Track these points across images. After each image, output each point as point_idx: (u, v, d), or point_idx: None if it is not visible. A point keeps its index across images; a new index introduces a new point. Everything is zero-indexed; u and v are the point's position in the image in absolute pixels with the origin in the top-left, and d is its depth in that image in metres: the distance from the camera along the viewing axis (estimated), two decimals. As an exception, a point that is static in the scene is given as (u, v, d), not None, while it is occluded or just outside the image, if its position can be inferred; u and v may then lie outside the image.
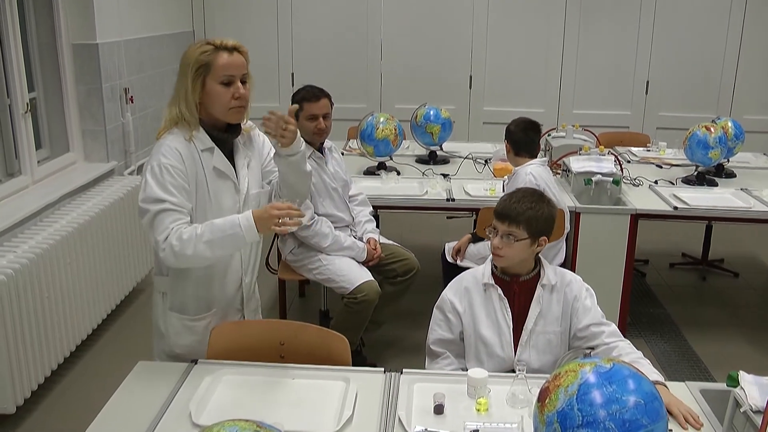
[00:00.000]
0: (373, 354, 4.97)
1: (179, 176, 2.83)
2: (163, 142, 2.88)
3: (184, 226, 2.80)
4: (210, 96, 2.87)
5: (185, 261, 2.83)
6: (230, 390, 2.69)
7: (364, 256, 4.64)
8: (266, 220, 2.77)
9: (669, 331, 5.57)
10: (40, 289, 4.31)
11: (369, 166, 5.79)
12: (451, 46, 8.18)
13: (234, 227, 2.78)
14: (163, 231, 2.78)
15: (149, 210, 2.79)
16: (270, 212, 2.77)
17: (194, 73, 2.83)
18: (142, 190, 2.82)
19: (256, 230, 2.78)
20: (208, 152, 2.93)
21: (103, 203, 5.17)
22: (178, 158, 2.83)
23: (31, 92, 5.26)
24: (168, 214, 2.78)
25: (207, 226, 2.80)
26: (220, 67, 2.84)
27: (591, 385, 1.91)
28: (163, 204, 2.78)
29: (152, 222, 2.79)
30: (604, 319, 3.06)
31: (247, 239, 2.81)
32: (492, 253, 3.07)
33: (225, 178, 2.98)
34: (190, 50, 2.87)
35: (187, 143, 2.87)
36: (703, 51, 8.07)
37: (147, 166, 2.85)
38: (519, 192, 3.14)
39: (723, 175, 5.84)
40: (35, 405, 4.41)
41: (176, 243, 2.76)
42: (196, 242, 2.76)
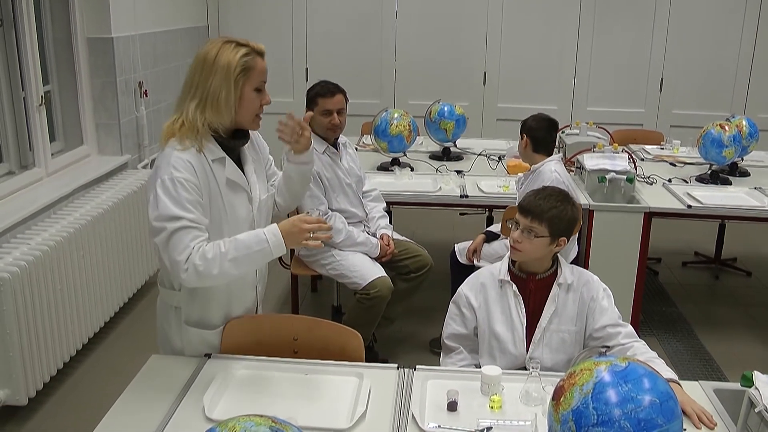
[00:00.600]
0: (386, 350, 4.98)
1: (194, 191, 2.66)
2: (171, 153, 2.68)
3: (205, 244, 2.65)
4: (244, 102, 2.75)
5: (209, 281, 2.68)
6: (244, 385, 2.69)
7: (377, 252, 4.64)
8: (296, 235, 2.68)
9: (681, 330, 5.56)
10: (53, 282, 4.32)
11: (383, 162, 5.80)
12: (465, 42, 8.16)
13: (261, 243, 2.68)
14: (183, 251, 2.61)
15: (165, 228, 2.62)
16: (300, 226, 2.69)
17: (236, 77, 2.69)
18: (154, 207, 2.64)
19: (284, 245, 2.69)
20: (218, 163, 2.78)
21: (116, 196, 5.18)
22: (191, 171, 2.66)
23: (46, 85, 5.28)
24: (187, 232, 2.62)
25: (231, 243, 2.67)
26: (258, 73, 2.75)
27: (606, 384, 1.90)
28: (180, 221, 2.61)
29: (169, 241, 2.62)
30: (620, 320, 3.05)
31: (274, 255, 2.70)
32: (510, 246, 3.07)
33: (239, 189, 2.86)
34: (224, 51, 2.70)
35: (197, 154, 2.70)
36: (717, 49, 8.04)
37: (156, 180, 2.66)
38: (546, 190, 3.15)
39: (737, 174, 5.82)
40: (47, 397, 4.42)
41: (200, 263, 2.61)
42: (221, 261, 2.63)
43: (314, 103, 4.51)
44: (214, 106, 2.70)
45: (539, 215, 3.01)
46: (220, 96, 2.69)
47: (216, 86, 2.69)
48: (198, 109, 2.71)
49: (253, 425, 1.74)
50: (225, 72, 2.68)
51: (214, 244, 2.66)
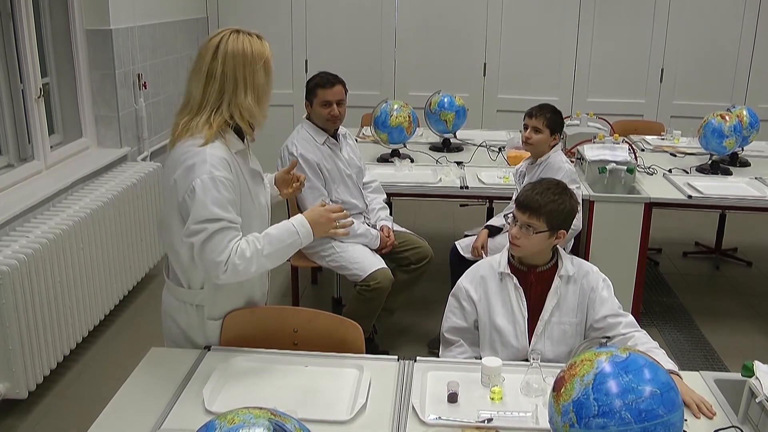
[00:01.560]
0: (386, 341, 4.98)
1: (233, 189, 2.67)
2: (205, 150, 2.64)
3: (241, 242, 2.66)
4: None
5: (246, 276, 2.72)
6: (243, 377, 2.69)
7: (378, 244, 4.64)
8: (324, 225, 2.77)
9: (682, 320, 5.56)
10: (52, 275, 4.31)
11: (383, 154, 5.79)
12: (465, 33, 8.14)
13: (292, 235, 2.74)
14: (222, 251, 2.61)
15: (205, 229, 2.60)
16: (328, 216, 2.78)
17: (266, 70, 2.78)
18: (194, 208, 2.61)
19: (312, 235, 2.76)
20: (241, 155, 2.78)
21: (116, 189, 5.17)
22: (228, 168, 2.67)
23: (45, 77, 5.26)
24: (226, 232, 2.63)
25: (265, 239, 2.71)
26: (271, 68, 2.81)
27: (607, 375, 1.90)
28: (220, 222, 2.61)
29: (208, 242, 2.61)
30: (621, 310, 3.05)
31: (303, 245, 2.79)
32: (509, 242, 3.07)
33: (258, 178, 2.92)
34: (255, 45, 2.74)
35: (227, 150, 2.70)
36: (718, 39, 8.02)
37: (196, 180, 2.61)
38: (543, 183, 3.13)
39: (737, 164, 5.81)
40: (47, 390, 4.42)
41: (240, 262, 2.63)
42: (258, 258, 2.67)
43: (314, 94, 4.51)
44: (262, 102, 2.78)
45: (537, 210, 3.00)
46: (265, 92, 2.79)
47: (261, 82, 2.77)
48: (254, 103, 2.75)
49: (252, 418, 1.73)
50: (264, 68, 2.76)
51: (249, 242, 2.68)
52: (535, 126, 4.57)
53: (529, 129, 4.59)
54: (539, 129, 4.56)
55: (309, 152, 4.50)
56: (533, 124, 4.57)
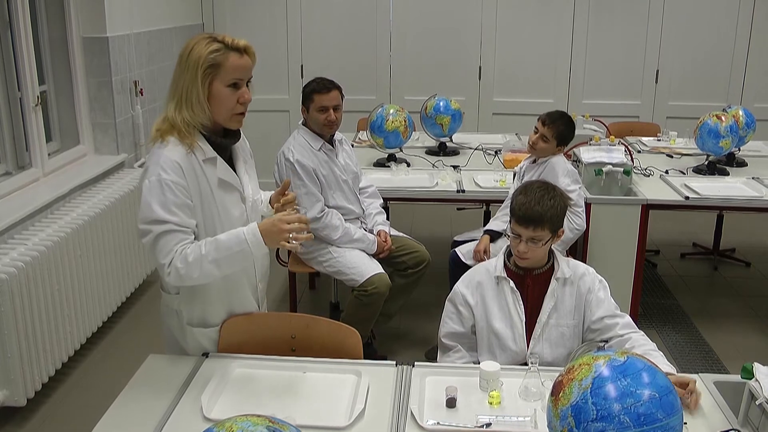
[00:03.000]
0: (384, 346, 4.97)
1: (181, 193, 2.64)
2: (160, 153, 2.65)
3: (188, 246, 2.64)
4: (215, 99, 2.68)
5: (192, 282, 2.69)
6: (241, 383, 2.69)
7: (375, 249, 4.64)
8: (275, 234, 2.62)
9: (681, 321, 5.56)
10: (50, 282, 4.31)
11: (379, 158, 5.78)
12: (460, 36, 8.14)
13: (241, 243, 2.64)
14: (167, 254, 2.62)
15: (151, 231, 2.62)
16: (280, 226, 2.63)
17: (203, 73, 2.63)
18: (141, 210, 2.64)
19: (264, 244, 2.64)
20: (210, 162, 2.74)
21: (113, 195, 5.18)
22: (179, 173, 2.64)
23: (42, 85, 5.26)
24: (172, 235, 2.62)
25: (211, 245, 2.65)
26: (230, 69, 2.66)
27: (605, 379, 1.90)
28: (166, 225, 2.61)
29: (155, 244, 2.63)
30: (617, 310, 3.04)
31: (255, 254, 2.68)
32: (516, 256, 3.05)
33: (231, 189, 2.82)
34: (197, 47, 2.65)
35: (186, 155, 2.67)
36: (713, 39, 8.02)
37: (144, 181, 2.65)
38: (535, 190, 3.07)
39: (734, 164, 5.81)
40: (46, 398, 4.42)
41: (181, 266, 2.61)
42: (201, 263, 2.62)
43: (310, 99, 4.50)
44: (188, 104, 2.67)
45: (540, 222, 2.98)
46: (191, 94, 2.66)
47: (187, 84, 2.66)
48: (176, 109, 2.69)
49: (250, 425, 1.73)
50: (194, 69, 2.64)
51: (195, 246, 2.65)
52: (544, 135, 4.56)
53: (537, 135, 4.58)
54: (547, 139, 4.56)
55: (305, 158, 4.49)
56: (543, 132, 4.56)
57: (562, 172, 4.51)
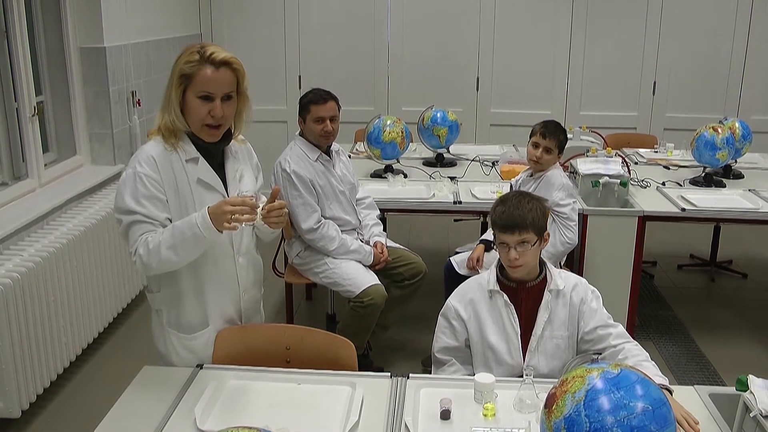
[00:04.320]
0: (380, 358, 4.96)
1: (153, 186, 2.74)
2: (142, 148, 2.82)
3: (150, 234, 2.72)
4: (187, 108, 2.78)
5: (155, 270, 2.76)
6: (236, 395, 2.68)
7: (371, 260, 4.63)
8: (219, 216, 2.63)
9: (677, 333, 5.55)
10: (46, 293, 4.31)
11: (376, 169, 5.78)
12: (457, 48, 8.16)
13: (192, 228, 2.66)
14: (133, 243, 2.73)
15: (122, 221, 2.75)
16: (223, 207, 2.63)
17: (176, 81, 2.75)
18: (116, 200, 2.78)
19: (213, 227, 2.65)
20: (192, 162, 2.83)
21: (110, 206, 5.15)
22: (153, 167, 2.75)
23: (39, 95, 5.27)
24: (140, 226, 2.72)
25: (168, 231, 2.71)
26: (200, 82, 2.73)
27: (598, 391, 1.89)
28: (134, 216, 2.72)
29: (126, 233, 2.76)
30: (610, 320, 3.04)
31: (207, 238, 2.68)
32: (509, 267, 3.05)
33: (212, 190, 2.86)
34: (182, 56, 2.77)
35: (167, 152, 2.79)
36: (709, 51, 8.04)
37: (123, 173, 2.80)
38: (510, 199, 3.10)
39: (731, 176, 5.82)
40: (40, 409, 4.40)
41: (143, 253, 2.70)
42: (159, 249, 2.68)
43: (307, 110, 4.51)
44: (168, 109, 2.81)
45: (522, 224, 2.99)
46: (171, 100, 2.79)
47: (168, 90, 2.80)
48: (161, 112, 2.84)
49: (243, 437, 1.73)
50: (173, 76, 2.77)
51: (156, 234, 2.73)
52: (547, 147, 4.57)
53: (541, 149, 4.58)
54: (551, 150, 4.57)
55: (302, 169, 4.50)
56: (546, 144, 4.57)
57: (557, 186, 4.52)
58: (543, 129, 4.60)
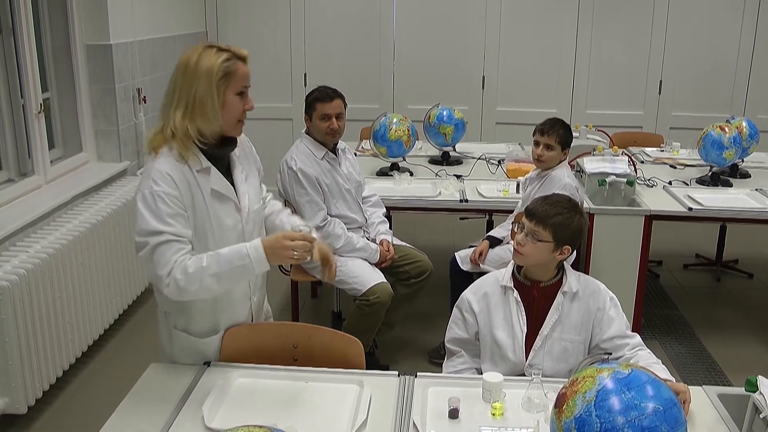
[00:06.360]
0: (386, 356, 4.96)
1: (174, 203, 2.63)
2: (152, 166, 2.66)
3: (188, 257, 2.62)
4: (226, 108, 2.69)
5: (191, 295, 2.67)
6: (243, 393, 2.68)
7: (377, 258, 4.63)
8: (279, 251, 2.61)
9: (683, 332, 5.54)
10: (52, 289, 4.30)
11: (382, 167, 5.78)
12: (463, 46, 8.15)
13: (243, 258, 2.62)
14: (165, 265, 2.60)
15: (147, 243, 2.60)
16: (283, 243, 2.62)
17: (217, 82, 2.64)
18: (137, 223, 2.62)
19: (266, 261, 2.63)
20: (204, 173, 2.73)
21: (115, 203, 5.17)
22: (171, 184, 2.63)
23: (45, 92, 5.26)
24: (168, 246, 2.60)
25: (213, 258, 2.63)
26: (239, 78, 2.69)
27: (609, 392, 1.88)
28: (162, 236, 2.59)
29: (152, 255, 2.61)
30: (628, 330, 3.03)
31: (256, 271, 2.66)
32: (513, 249, 3.06)
33: (225, 199, 2.79)
34: (205, 57, 2.66)
35: (179, 166, 2.66)
36: (716, 50, 8.03)
37: (138, 194, 2.65)
38: (555, 196, 3.14)
39: (737, 176, 5.80)
40: (47, 405, 4.40)
41: (181, 277, 2.59)
42: (202, 276, 2.60)
43: (312, 108, 4.50)
44: (202, 114, 2.67)
45: (544, 220, 2.99)
46: (206, 103, 2.66)
47: (201, 93, 2.65)
48: (186, 118, 2.68)
49: (252, 436, 1.73)
50: (207, 77, 2.65)
51: (196, 259, 2.63)
52: (547, 143, 4.56)
53: (542, 146, 4.57)
54: (552, 146, 4.56)
55: (308, 167, 4.49)
56: (546, 141, 4.56)
57: (560, 186, 4.48)
58: (542, 126, 4.60)
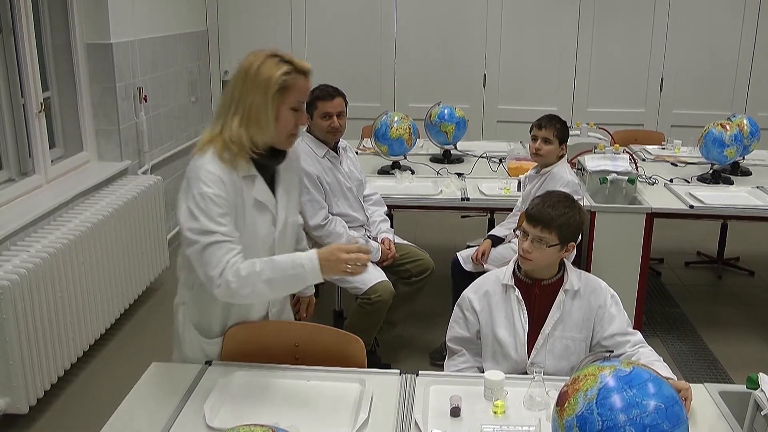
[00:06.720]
0: (388, 354, 4.95)
1: (225, 205, 2.63)
2: (201, 165, 2.64)
3: (240, 260, 2.61)
4: (278, 121, 2.67)
5: (241, 298, 2.68)
6: (245, 392, 2.67)
7: (379, 257, 4.62)
8: (334, 263, 2.61)
9: (685, 330, 5.54)
10: (53, 289, 4.30)
11: (383, 166, 5.77)
12: (464, 44, 8.15)
13: (296, 268, 2.62)
14: (216, 265, 2.59)
15: (199, 241, 2.60)
16: (338, 255, 2.61)
17: (273, 94, 2.61)
18: (188, 219, 2.61)
19: (320, 273, 2.61)
20: (249, 180, 2.72)
21: (116, 202, 5.16)
22: (221, 186, 2.62)
23: (46, 92, 5.26)
24: (219, 246, 2.60)
25: (266, 264, 2.62)
26: (296, 92, 2.66)
27: (611, 389, 1.88)
28: (214, 236, 2.59)
29: (202, 255, 2.60)
30: (630, 327, 3.03)
31: (309, 281, 2.66)
32: (520, 256, 3.05)
33: (264, 210, 2.80)
34: (266, 66, 2.63)
35: (229, 170, 2.65)
36: (717, 48, 8.03)
37: (188, 194, 2.64)
38: (553, 196, 3.11)
39: (738, 173, 5.80)
40: (48, 405, 4.40)
41: (233, 279, 2.58)
42: (255, 280, 2.59)
43: (314, 106, 4.49)
44: (257, 123, 2.65)
45: (548, 223, 2.97)
46: (260, 114, 2.63)
47: (257, 103, 2.63)
48: (242, 126, 2.66)
49: (253, 435, 1.73)
50: (263, 89, 2.62)
51: (249, 263, 2.62)
52: (545, 137, 4.56)
53: (539, 140, 4.58)
54: (549, 140, 4.57)
55: (309, 165, 4.49)
56: (543, 135, 4.57)
57: (561, 183, 4.48)
58: (539, 121, 4.62)
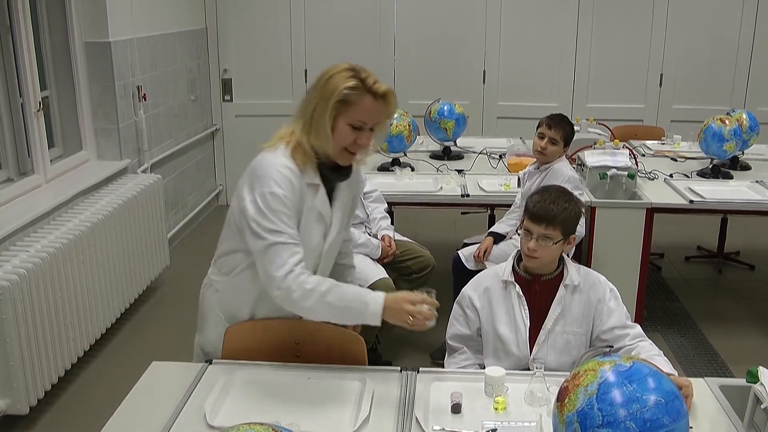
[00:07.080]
0: (389, 352, 4.95)
1: (292, 208, 2.63)
2: (275, 164, 2.65)
3: (304, 269, 2.61)
4: (334, 133, 2.64)
5: (299, 310, 2.67)
6: (245, 390, 2.67)
7: (379, 254, 4.62)
8: (397, 312, 2.58)
9: (685, 324, 5.54)
10: (53, 289, 4.30)
11: (383, 163, 5.78)
12: (464, 41, 8.14)
13: (360, 304, 2.60)
14: (280, 266, 2.59)
15: (266, 239, 2.59)
16: (403, 306, 2.58)
17: (333, 106, 2.59)
18: (256, 212, 2.61)
19: (380, 316, 2.58)
20: (313, 188, 2.72)
21: (116, 201, 5.16)
22: (290, 188, 2.62)
23: (44, 91, 5.26)
24: (285, 247, 2.59)
25: (335, 288, 2.62)
26: (357, 111, 2.62)
27: (611, 385, 1.88)
28: (281, 236, 2.59)
29: (266, 252, 2.60)
30: (629, 321, 3.03)
31: (367, 320, 2.62)
32: (525, 255, 3.04)
33: (320, 221, 2.79)
34: (336, 77, 2.61)
35: (297, 172, 2.65)
36: (716, 43, 8.03)
37: (257, 190, 2.62)
38: (551, 191, 3.11)
39: (738, 168, 5.81)
40: (48, 405, 4.40)
41: (297, 289, 2.58)
42: (318, 298, 2.58)
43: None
44: (316, 132, 2.65)
45: (552, 220, 2.98)
46: (319, 123, 2.63)
47: (318, 111, 2.63)
48: (304, 132, 2.68)
49: (254, 433, 1.72)
50: (326, 99, 2.60)
51: (317, 278, 2.62)
52: (552, 138, 4.57)
53: (546, 139, 4.58)
54: (556, 141, 4.57)
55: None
56: (551, 135, 4.57)
57: (564, 179, 4.49)
58: (549, 120, 4.61)
